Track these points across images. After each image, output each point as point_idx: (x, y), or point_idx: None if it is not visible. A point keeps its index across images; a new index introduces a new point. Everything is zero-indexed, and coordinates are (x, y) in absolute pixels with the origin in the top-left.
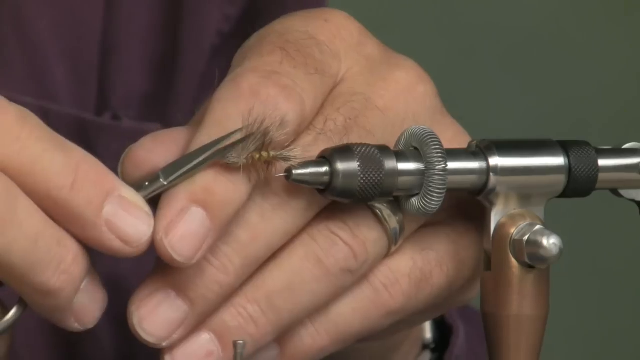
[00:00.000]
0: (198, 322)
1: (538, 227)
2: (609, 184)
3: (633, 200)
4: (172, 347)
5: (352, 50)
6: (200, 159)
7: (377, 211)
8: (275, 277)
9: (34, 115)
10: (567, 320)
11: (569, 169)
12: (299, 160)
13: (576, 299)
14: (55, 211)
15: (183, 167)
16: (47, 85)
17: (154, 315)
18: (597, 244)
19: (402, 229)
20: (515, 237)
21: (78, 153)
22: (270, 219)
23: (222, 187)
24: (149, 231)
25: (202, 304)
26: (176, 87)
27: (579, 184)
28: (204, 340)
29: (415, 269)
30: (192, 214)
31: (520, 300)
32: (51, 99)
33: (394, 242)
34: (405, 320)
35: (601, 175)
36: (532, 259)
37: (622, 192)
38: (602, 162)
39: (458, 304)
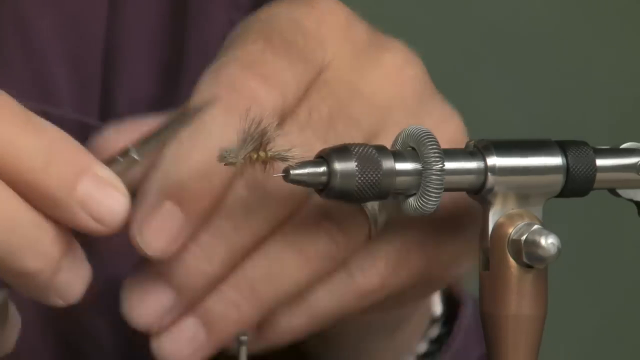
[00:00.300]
0: (186, 309)
1: (536, 226)
2: (607, 183)
3: (631, 200)
4: (159, 333)
5: (338, 36)
6: (169, 129)
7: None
8: (258, 265)
9: (5, 94)
10: (566, 320)
11: (567, 169)
12: (296, 161)
13: (574, 299)
14: (29, 193)
15: (153, 140)
16: (48, 89)
17: (144, 302)
18: (595, 244)
19: (381, 214)
20: (514, 237)
21: (51, 133)
22: (255, 211)
23: (196, 182)
24: (122, 211)
25: (188, 293)
26: (183, 91)
27: (577, 183)
28: (189, 325)
29: (393, 253)
30: (165, 210)
31: (519, 300)
32: (53, 103)
33: (374, 227)
34: (392, 300)
35: (599, 175)
36: (531, 258)
37: (620, 191)
38: (600, 162)
39: (441, 287)
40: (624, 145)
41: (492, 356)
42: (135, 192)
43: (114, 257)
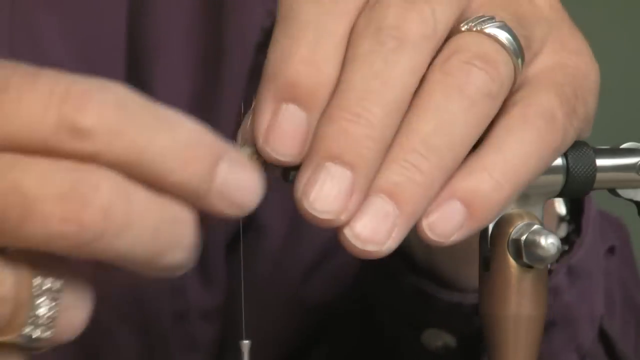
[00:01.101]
0: (366, 185)
1: (536, 226)
2: (607, 183)
3: (631, 200)
4: (348, 221)
5: None
6: None
7: (495, 34)
8: (424, 121)
9: (132, 93)
10: None
11: (566, 169)
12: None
13: None
14: (167, 190)
15: None
16: None
17: (322, 192)
18: None
19: (522, 53)
20: (513, 237)
21: (184, 126)
22: (396, 61)
23: (305, 76)
24: (259, 192)
25: (362, 164)
26: (223, 85)
27: (576, 183)
28: (377, 203)
29: (563, 103)
30: (285, 113)
31: (519, 300)
32: None
33: (519, 65)
34: None
35: (599, 175)
36: (531, 258)
37: (620, 191)
38: (600, 162)
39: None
40: (624, 145)
41: (492, 356)
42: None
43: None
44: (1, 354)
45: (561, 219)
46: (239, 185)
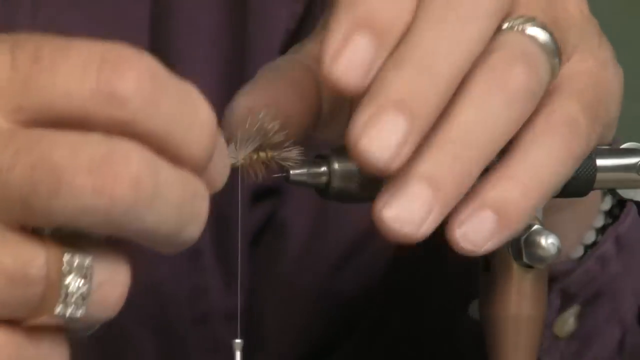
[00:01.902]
0: (419, 138)
1: (536, 226)
2: (607, 183)
3: (631, 200)
4: (385, 202)
5: None
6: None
7: (536, 35)
8: (467, 112)
9: (158, 65)
10: None
11: None
12: (296, 161)
13: None
14: (185, 164)
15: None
16: None
17: (380, 136)
18: None
19: (559, 55)
20: (514, 237)
21: (204, 106)
22: (469, 24)
23: (386, 8)
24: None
25: (423, 117)
26: None
27: (577, 183)
28: (416, 188)
29: (586, 109)
30: (356, 41)
31: (519, 300)
32: None
33: (556, 67)
34: None
35: (599, 175)
36: (531, 258)
37: (620, 192)
38: (601, 162)
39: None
40: (624, 146)
41: (492, 356)
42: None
43: (152, 261)
44: (43, 340)
45: (604, 192)
46: (218, 163)
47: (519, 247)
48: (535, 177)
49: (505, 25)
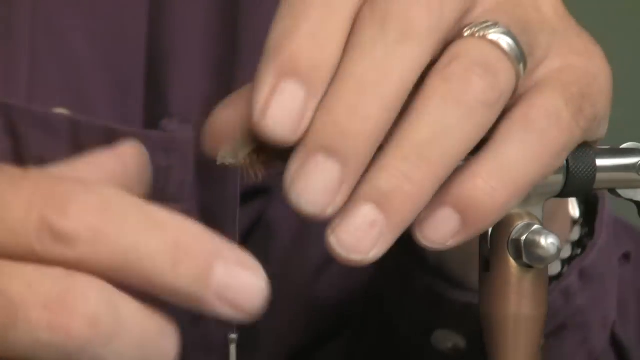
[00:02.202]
0: (355, 180)
1: (536, 227)
2: (607, 183)
3: (631, 200)
4: (333, 227)
5: None
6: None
7: (498, 41)
8: (418, 129)
9: (121, 193)
10: None
11: (567, 169)
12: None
13: None
14: (158, 294)
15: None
16: (83, 94)
17: (310, 184)
18: None
19: (524, 60)
20: (513, 237)
21: (173, 224)
22: (398, 53)
23: (308, 51)
24: (262, 294)
25: (353, 158)
26: (237, 88)
27: (577, 183)
28: (364, 210)
29: (569, 103)
30: (284, 89)
31: (519, 300)
32: (87, 108)
33: (520, 73)
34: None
35: (599, 175)
36: (531, 258)
37: (620, 192)
38: (601, 162)
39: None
40: (624, 146)
41: (492, 356)
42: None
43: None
44: None
45: (574, 221)
46: (239, 287)
47: (519, 247)
48: (506, 174)
49: (466, 32)
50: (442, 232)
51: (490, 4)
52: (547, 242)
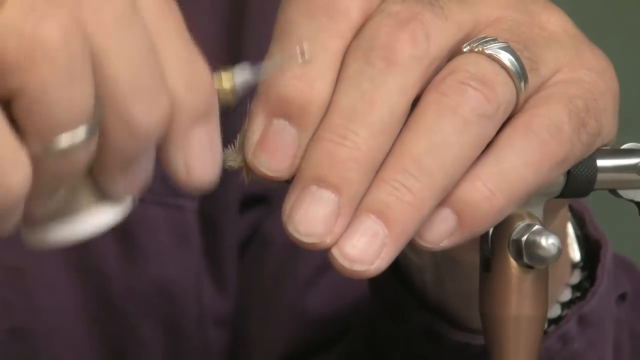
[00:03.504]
0: (352, 208)
1: (536, 227)
2: (607, 184)
3: (632, 201)
4: (333, 244)
5: None
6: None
7: (496, 55)
8: (415, 141)
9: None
10: None
11: (567, 170)
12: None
13: None
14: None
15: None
16: None
17: (307, 215)
18: None
19: (524, 74)
20: (514, 238)
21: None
22: (383, 82)
23: (297, 91)
24: (213, 178)
25: (348, 187)
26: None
27: (577, 184)
28: (366, 222)
29: (572, 115)
30: (274, 127)
31: (520, 300)
32: None
33: (520, 87)
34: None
35: (600, 176)
36: (531, 259)
37: (621, 192)
38: (601, 162)
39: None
40: (624, 146)
41: (492, 356)
42: None
43: (159, 259)
44: None
45: (574, 265)
46: (204, 160)
47: (519, 247)
48: (504, 180)
49: (465, 48)
50: (437, 232)
51: (492, 21)
52: (548, 242)
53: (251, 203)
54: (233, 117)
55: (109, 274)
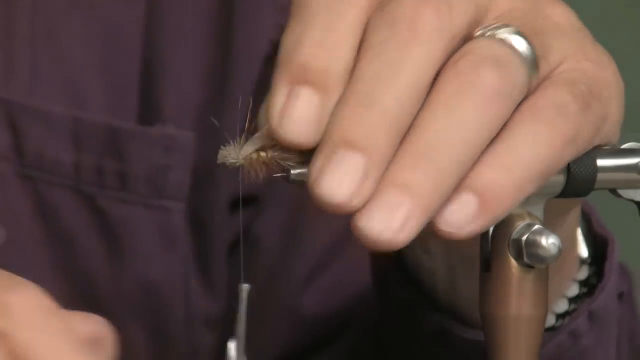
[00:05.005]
0: (379, 172)
1: (537, 226)
2: (607, 184)
3: (632, 200)
4: (361, 211)
5: None
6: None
7: (508, 39)
8: (436, 116)
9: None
10: None
11: (567, 169)
12: (297, 160)
13: None
14: None
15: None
16: (79, 96)
17: (335, 178)
18: None
19: (535, 59)
20: (514, 237)
21: None
22: (409, 51)
23: (318, 58)
24: None
25: (376, 150)
26: (230, 95)
27: (577, 183)
28: (391, 194)
29: (576, 96)
30: (297, 95)
31: (520, 300)
32: (84, 109)
33: (532, 71)
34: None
35: (600, 175)
36: (531, 258)
37: (621, 192)
38: (601, 162)
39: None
40: (624, 146)
41: (492, 357)
42: None
43: (145, 260)
44: None
45: (582, 261)
46: None
47: (520, 247)
48: (520, 161)
49: (477, 33)
50: (460, 216)
51: (502, 11)
52: (548, 242)
53: (244, 203)
54: (233, 115)
55: (94, 275)
